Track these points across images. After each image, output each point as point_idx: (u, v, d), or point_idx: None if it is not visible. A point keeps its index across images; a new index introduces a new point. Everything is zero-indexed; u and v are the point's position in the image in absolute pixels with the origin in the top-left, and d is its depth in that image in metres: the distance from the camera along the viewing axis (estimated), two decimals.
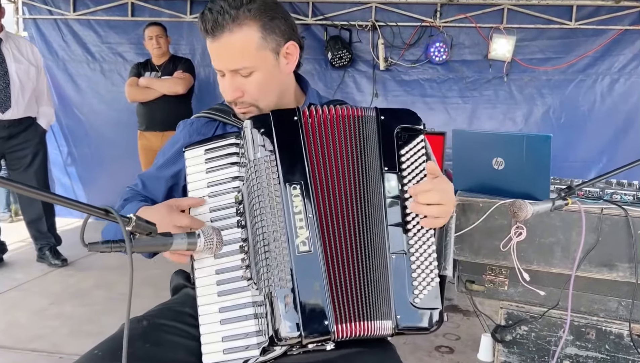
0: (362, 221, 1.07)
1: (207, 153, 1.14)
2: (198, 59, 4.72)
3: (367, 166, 1.08)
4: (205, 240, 0.93)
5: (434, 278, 1.06)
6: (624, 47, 4.30)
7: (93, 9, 4.83)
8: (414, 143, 1.10)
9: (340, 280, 1.03)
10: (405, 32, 4.52)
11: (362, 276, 1.05)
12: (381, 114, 1.11)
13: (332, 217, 1.05)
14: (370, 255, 1.06)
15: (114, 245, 0.86)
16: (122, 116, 4.76)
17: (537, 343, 1.92)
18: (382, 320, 1.04)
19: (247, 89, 1.16)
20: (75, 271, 3.66)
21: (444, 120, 4.54)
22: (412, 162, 1.10)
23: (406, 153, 1.10)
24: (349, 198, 1.07)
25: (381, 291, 1.05)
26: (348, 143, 1.09)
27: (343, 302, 1.02)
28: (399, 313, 1.04)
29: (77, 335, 2.70)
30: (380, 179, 1.08)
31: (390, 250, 1.06)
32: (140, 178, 1.32)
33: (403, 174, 1.09)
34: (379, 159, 1.08)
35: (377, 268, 1.05)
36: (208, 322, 1.08)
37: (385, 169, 1.08)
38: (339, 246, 1.05)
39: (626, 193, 1.91)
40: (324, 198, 1.06)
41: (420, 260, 1.07)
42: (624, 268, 1.75)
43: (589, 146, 4.38)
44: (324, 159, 1.07)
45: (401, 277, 1.05)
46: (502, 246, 1.79)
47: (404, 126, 1.11)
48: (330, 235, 1.04)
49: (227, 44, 1.12)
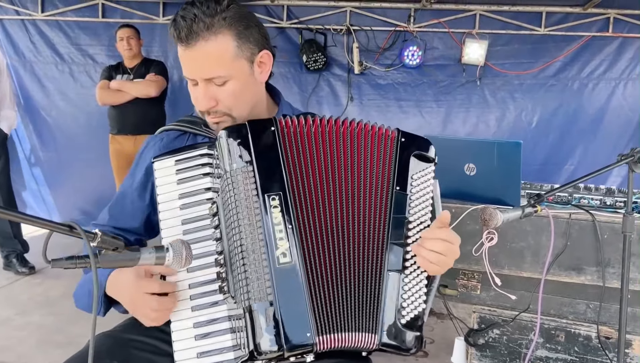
0: (354, 234, 1.06)
1: (178, 164, 1.12)
2: (171, 61, 4.65)
3: (370, 183, 1.09)
4: (174, 254, 0.91)
5: (421, 303, 1.06)
6: (592, 53, 4.42)
7: (62, 9, 4.71)
8: (426, 171, 1.13)
9: (321, 291, 1.02)
10: (380, 37, 4.55)
11: (344, 287, 1.04)
12: (402, 137, 1.13)
13: (312, 228, 1.04)
14: (361, 268, 1.05)
15: (79, 261, 0.83)
16: (92, 119, 4.67)
17: (509, 346, 1.95)
18: (366, 333, 1.03)
19: (221, 98, 1.12)
20: (43, 279, 3.56)
21: (419, 124, 4.58)
22: (420, 189, 1.11)
23: (418, 178, 1.12)
24: (335, 210, 1.06)
25: (368, 305, 1.04)
26: (342, 156, 1.09)
27: (324, 313, 1.01)
28: (384, 330, 1.03)
29: (44, 345, 2.62)
30: (389, 198, 1.08)
31: (387, 266, 1.05)
32: (113, 217, 1.25)
33: (412, 198, 1.10)
34: (390, 178, 1.09)
35: (366, 282, 1.05)
36: (182, 338, 1.05)
37: (397, 189, 1.09)
38: (320, 257, 1.04)
39: (593, 197, 1.96)
40: (304, 208, 1.05)
41: (413, 282, 1.06)
42: (592, 272, 1.79)
43: (559, 149, 4.49)
44: (303, 170, 1.06)
45: (393, 295, 1.05)
46: (474, 251, 1.81)
47: (420, 153, 1.14)
48: (310, 246, 1.03)
49: (201, 52, 1.08)
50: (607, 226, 1.77)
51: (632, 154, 1.41)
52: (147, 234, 1.25)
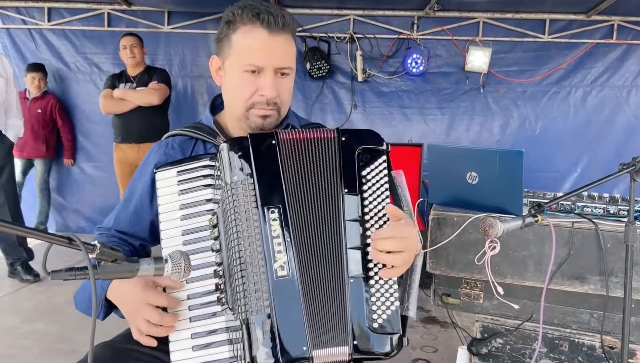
0: (324, 244, 1.05)
1: (180, 175, 1.13)
2: (175, 69, 4.69)
3: (328, 189, 1.07)
4: (173, 265, 0.91)
5: (393, 302, 1.04)
6: (595, 60, 4.42)
7: (68, 18, 4.77)
8: (376, 164, 1.09)
9: (315, 304, 1.02)
10: (383, 44, 4.57)
11: (325, 301, 1.03)
12: (342, 135, 1.10)
13: (305, 240, 1.04)
14: (327, 280, 1.03)
15: (78, 273, 0.83)
16: (97, 127, 4.71)
17: (512, 355, 1.93)
18: (338, 347, 1.01)
19: (281, 91, 1.18)
20: (48, 287, 3.57)
21: (423, 131, 4.59)
22: (373, 183, 1.08)
23: (367, 173, 1.08)
24: (315, 221, 1.06)
25: (337, 317, 1.02)
26: (314, 165, 1.08)
27: (316, 327, 1.01)
28: (355, 339, 1.02)
29: (48, 354, 2.63)
30: (339, 201, 1.06)
31: (349, 273, 1.04)
32: (117, 222, 1.26)
33: (364, 196, 1.07)
34: (339, 180, 1.07)
35: (334, 294, 1.03)
36: (179, 349, 1.06)
37: (345, 191, 1.06)
38: (312, 270, 1.03)
39: (596, 206, 1.95)
40: (298, 221, 1.05)
41: (379, 283, 1.04)
42: (595, 281, 1.78)
43: (563, 157, 4.47)
44: (297, 183, 1.06)
45: (359, 302, 1.03)
46: (476, 260, 1.81)
47: (366, 147, 1.10)
48: (305, 259, 1.03)
49: (285, 42, 1.16)
50: (610, 235, 1.75)
51: (633, 164, 1.41)
52: (152, 240, 1.26)
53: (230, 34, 1.17)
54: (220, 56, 1.21)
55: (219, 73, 1.24)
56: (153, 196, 1.21)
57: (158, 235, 1.12)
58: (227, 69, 1.20)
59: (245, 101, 1.17)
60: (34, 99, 4.61)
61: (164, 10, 4.67)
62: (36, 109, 4.59)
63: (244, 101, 1.17)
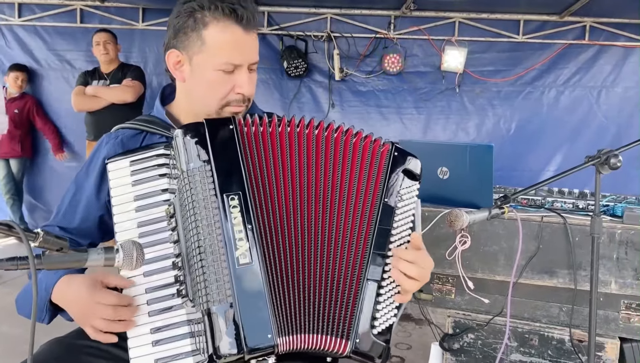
0: (336, 239, 1.05)
1: (133, 165, 1.09)
2: (150, 67, 4.62)
3: (358, 191, 1.08)
4: (125, 255, 0.87)
5: (392, 316, 1.05)
6: (568, 60, 4.48)
7: (39, 14, 4.66)
8: (412, 188, 1.12)
9: (282, 292, 1.00)
10: (360, 43, 4.57)
11: (310, 289, 1.02)
12: (395, 151, 1.13)
13: (274, 229, 1.02)
14: (337, 273, 1.04)
15: (20, 262, 0.79)
16: (70, 125, 4.62)
17: (484, 350, 1.94)
18: (338, 338, 1.01)
19: (253, 86, 1.19)
20: (13, 289, 3.45)
21: (399, 130, 4.60)
22: (405, 204, 1.10)
23: (404, 194, 1.11)
24: (309, 213, 1.05)
25: (344, 310, 1.02)
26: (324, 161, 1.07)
27: (285, 314, 0.99)
28: (357, 337, 1.02)
29: (12, 356, 2.53)
30: (376, 208, 1.07)
31: (368, 275, 1.04)
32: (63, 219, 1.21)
33: (397, 211, 1.09)
34: (379, 189, 1.08)
35: (344, 287, 1.04)
36: (139, 344, 1.02)
37: (385, 201, 1.08)
38: (282, 258, 1.02)
39: (566, 201, 1.97)
40: (265, 209, 1.02)
41: (388, 294, 1.05)
42: (564, 275, 1.79)
43: (537, 156, 4.53)
44: (265, 171, 1.04)
45: (369, 304, 1.04)
46: (447, 255, 1.81)
47: (409, 170, 1.13)
48: (272, 247, 1.01)
49: (255, 39, 1.17)
50: (578, 228, 1.77)
51: (598, 156, 1.42)
52: (101, 236, 1.21)
53: (199, 28, 1.12)
54: (182, 50, 1.15)
55: (179, 68, 1.18)
56: (101, 189, 1.17)
57: (108, 230, 1.08)
58: (197, 65, 1.15)
59: (220, 99, 1.14)
60: (12, 99, 4.50)
61: (139, 7, 4.60)
62: (13, 109, 4.47)
63: (219, 99, 1.14)
